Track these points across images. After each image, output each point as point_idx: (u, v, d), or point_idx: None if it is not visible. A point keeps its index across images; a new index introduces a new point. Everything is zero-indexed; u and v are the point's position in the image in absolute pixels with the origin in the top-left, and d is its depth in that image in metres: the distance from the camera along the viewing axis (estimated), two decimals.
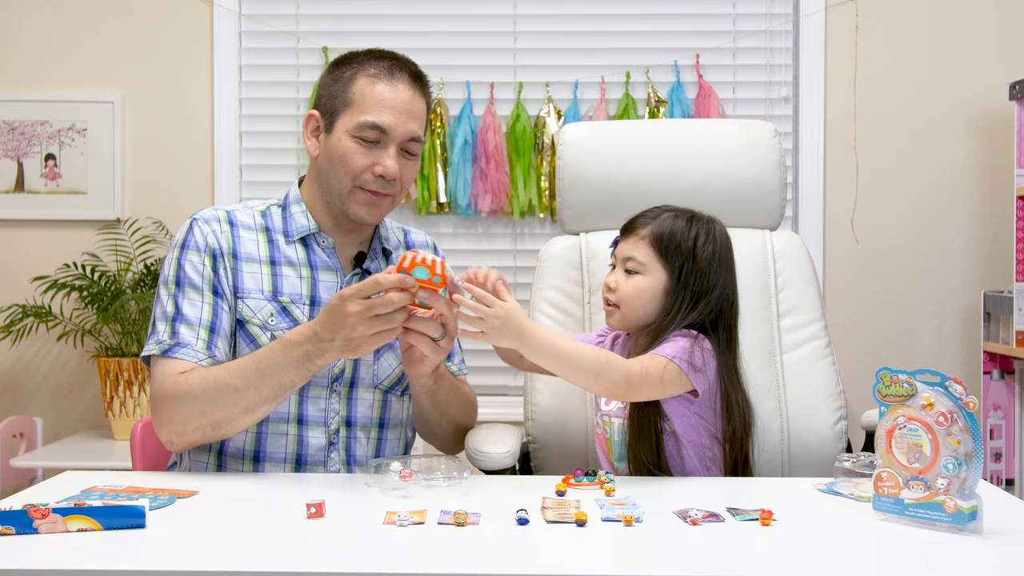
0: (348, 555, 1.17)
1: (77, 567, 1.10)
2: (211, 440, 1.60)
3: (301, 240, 1.71)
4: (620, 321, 1.70)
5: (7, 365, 3.05)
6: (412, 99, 1.66)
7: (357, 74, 1.65)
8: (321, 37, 3.02)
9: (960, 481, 1.23)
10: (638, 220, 1.72)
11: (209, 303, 1.63)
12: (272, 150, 3.06)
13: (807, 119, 2.99)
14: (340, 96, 1.65)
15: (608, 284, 1.71)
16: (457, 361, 1.88)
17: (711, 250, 1.67)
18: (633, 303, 1.67)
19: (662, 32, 3.02)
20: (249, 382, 1.53)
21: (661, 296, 1.66)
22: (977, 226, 2.99)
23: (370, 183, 1.64)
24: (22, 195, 3.02)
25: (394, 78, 1.65)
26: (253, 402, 1.54)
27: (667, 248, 1.66)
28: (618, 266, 1.72)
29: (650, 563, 1.15)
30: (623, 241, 1.73)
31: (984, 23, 2.97)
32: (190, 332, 1.61)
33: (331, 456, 1.67)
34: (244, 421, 1.56)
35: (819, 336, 2.01)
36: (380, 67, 1.65)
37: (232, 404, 1.54)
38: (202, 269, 1.65)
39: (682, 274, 1.66)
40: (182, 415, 1.56)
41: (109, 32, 3.03)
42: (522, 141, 2.95)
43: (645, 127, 2.36)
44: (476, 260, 3.05)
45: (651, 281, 1.67)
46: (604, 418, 1.70)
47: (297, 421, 1.65)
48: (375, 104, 1.63)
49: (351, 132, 1.63)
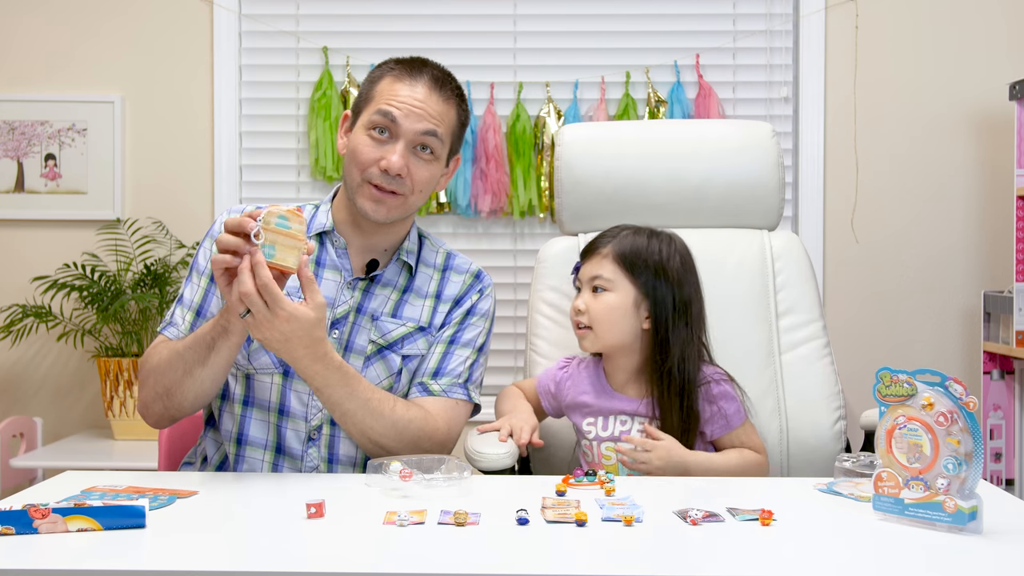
0: (348, 555, 1.17)
1: (77, 567, 1.10)
2: (173, 412, 1.61)
3: (317, 237, 1.73)
4: (595, 342, 1.72)
5: (7, 365, 3.05)
6: (429, 98, 1.66)
7: (384, 75, 1.69)
8: (321, 37, 3.02)
9: (960, 481, 1.23)
10: (598, 240, 1.76)
11: (203, 287, 1.70)
12: (272, 150, 3.06)
13: (807, 119, 2.99)
14: (365, 94, 1.70)
15: (577, 307, 1.73)
16: (446, 383, 1.72)
17: (679, 260, 1.72)
18: (606, 321, 1.69)
19: (662, 32, 3.02)
20: (187, 344, 1.56)
21: (632, 312, 1.69)
22: (977, 226, 2.99)
23: (376, 177, 1.64)
24: (22, 195, 3.02)
25: (414, 77, 1.67)
26: (189, 364, 1.55)
27: (632, 263, 1.70)
28: (584, 287, 1.73)
29: (650, 563, 1.15)
30: (586, 263, 1.75)
31: (984, 23, 2.97)
32: (180, 313, 1.70)
33: (309, 451, 1.67)
34: (188, 387, 1.56)
35: (818, 336, 2.01)
36: (404, 67, 1.69)
37: (174, 369, 1.56)
38: (208, 255, 1.69)
39: (655, 289, 1.69)
40: (145, 384, 1.63)
41: (109, 32, 3.03)
42: (522, 141, 2.95)
43: (643, 128, 2.36)
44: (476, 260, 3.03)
45: (620, 297, 1.69)
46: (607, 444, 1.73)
47: (279, 411, 1.67)
48: (390, 98, 1.65)
49: (365, 126, 1.66)
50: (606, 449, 1.72)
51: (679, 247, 1.76)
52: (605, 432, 1.72)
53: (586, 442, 1.75)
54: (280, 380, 1.67)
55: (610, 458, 1.71)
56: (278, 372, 1.67)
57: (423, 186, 1.68)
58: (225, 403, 1.70)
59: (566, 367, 1.83)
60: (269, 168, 3.06)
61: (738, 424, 1.72)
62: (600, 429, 1.73)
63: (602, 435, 1.72)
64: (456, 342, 1.76)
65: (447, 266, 1.81)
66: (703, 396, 1.70)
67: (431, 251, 1.81)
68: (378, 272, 1.73)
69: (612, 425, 1.73)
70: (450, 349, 1.76)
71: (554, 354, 2.01)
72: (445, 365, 1.75)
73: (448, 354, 1.76)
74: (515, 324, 3.04)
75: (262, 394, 1.67)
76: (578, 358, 1.83)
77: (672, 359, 1.69)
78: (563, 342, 2.01)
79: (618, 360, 1.74)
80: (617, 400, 1.74)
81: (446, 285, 1.79)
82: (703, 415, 1.70)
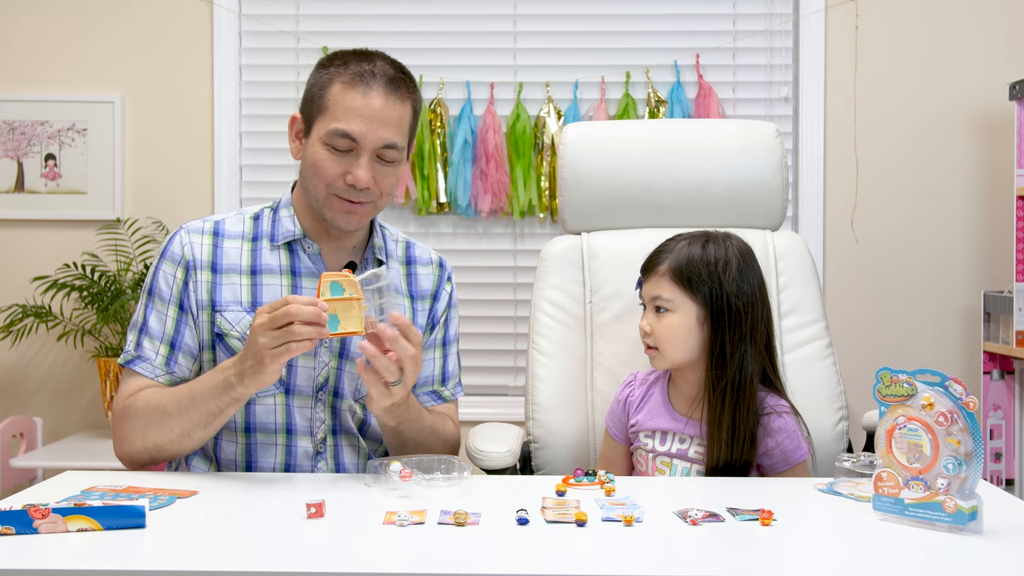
0: (348, 555, 1.17)
1: (77, 567, 1.10)
2: (159, 461, 1.61)
3: (287, 246, 1.68)
4: (664, 362, 1.69)
5: (7, 365, 3.05)
6: (386, 106, 1.59)
7: (333, 79, 1.60)
8: (321, 37, 3.02)
9: (960, 481, 1.23)
10: (657, 256, 1.71)
11: (173, 317, 1.63)
12: (272, 150, 3.06)
13: (807, 119, 2.99)
14: (317, 100, 1.61)
15: (643, 328, 1.69)
16: (452, 385, 1.83)
17: (735, 267, 1.66)
18: (671, 342, 1.66)
19: (662, 32, 3.02)
20: (182, 408, 1.55)
21: (696, 328, 1.65)
22: (977, 226, 2.99)
23: (343, 191, 1.60)
24: (22, 195, 3.02)
25: (367, 85, 1.58)
26: (187, 428, 1.55)
27: (690, 279, 1.65)
28: (648, 307, 1.70)
29: (650, 563, 1.15)
30: (646, 281, 1.71)
31: (984, 23, 2.97)
32: (151, 346, 1.63)
33: (319, 465, 1.66)
34: (184, 445, 1.58)
35: (820, 336, 2.01)
36: (354, 73, 1.59)
37: (168, 429, 1.56)
38: (172, 281, 1.64)
39: (713, 301, 1.64)
40: (129, 435, 1.59)
41: (109, 32, 3.03)
42: (522, 141, 2.95)
43: (647, 127, 2.36)
44: (476, 260, 3.05)
45: (682, 317, 1.65)
46: (663, 459, 1.69)
47: (285, 431, 1.65)
48: (345, 111, 1.57)
49: (323, 139, 1.59)
50: (661, 463, 1.70)
51: (736, 250, 1.68)
52: (663, 447, 1.70)
53: (642, 452, 1.72)
54: (283, 399, 1.64)
55: (664, 472, 1.69)
56: (279, 392, 1.64)
57: (390, 189, 1.66)
58: (223, 433, 1.65)
59: (630, 383, 1.80)
60: (269, 168, 3.06)
61: (797, 462, 1.66)
62: (658, 443, 1.71)
63: (659, 449, 1.70)
64: (448, 342, 1.81)
65: (409, 258, 1.80)
66: (762, 426, 1.64)
67: (392, 242, 1.80)
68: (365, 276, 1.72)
69: (670, 441, 1.71)
70: (446, 351, 1.81)
71: (556, 353, 2.01)
72: (448, 368, 1.81)
73: (446, 356, 1.80)
74: (515, 324, 3.04)
75: (266, 417, 1.64)
76: (641, 375, 1.80)
77: (729, 375, 1.63)
78: (565, 341, 2.02)
79: (687, 375, 1.70)
80: (678, 422, 1.70)
81: (415, 280, 1.79)
82: (760, 447, 1.64)
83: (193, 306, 1.63)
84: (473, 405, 2.86)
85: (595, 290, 2.04)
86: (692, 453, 1.67)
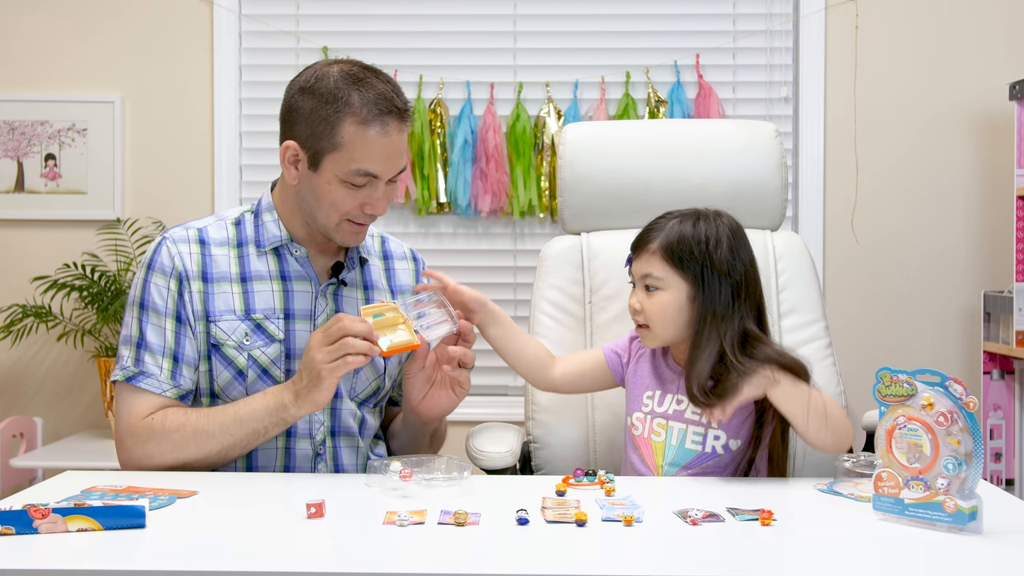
0: (348, 555, 1.17)
1: (77, 567, 1.10)
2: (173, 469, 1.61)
3: (274, 251, 1.68)
4: (654, 339, 1.69)
5: (7, 365, 3.05)
6: (401, 139, 1.60)
7: (344, 116, 1.55)
8: (321, 37, 3.02)
9: (960, 481, 1.23)
10: (647, 233, 1.69)
11: (172, 330, 1.62)
12: (272, 150, 3.04)
13: (807, 119, 2.99)
14: (327, 137, 1.56)
15: (632, 306, 1.69)
16: None
17: (726, 245, 1.65)
18: (661, 320, 1.66)
19: (662, 32, 3.02)
20: (226, 429, 1.56)
21: (687, 305, 1.65)
22: (977, 226, 2.99)
23: (358, 217, 1.62)
24: (22, 195, 3.02)
25: (384, 123, 1.56)
26: (227, 446, 1.58)
27: (680, 258, 1.64)
28: (637, 284, 1.70)
29: (650, 563, 1.15)
30: (636, 258, 1.70)
31: (984, 23, 2.97)
32: (153, 361, 1.60)
33: (318, 467, 1.67)
34: (216, 462, 1.60)
35: (820, 336, 2.01)
36: (370, 111, 1.55)
37: (207, 448, 1.57)
38: (166, 294, 1.62)
39: (704, 280, 1.64)
40: (156, 454, 1.58)
41: (109, 32, 3.03)
42: (522, 141, 2.95)
43: (647, 127, 2.36)
44: (476, 260, 3.05)
45: (673, 295, 1.65)
46: (659, 421, 1.68)
47: (285, 434, 1.64)
48: (366, 153, 1.56)
49: (342, 178, 1.57)
50: (657, 425, 1.69)
51: (727, 227, 1.67)
52: (660, 408, 1.69)
53: (639, 414, 1.71)
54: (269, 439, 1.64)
55: (659, 434, 1.68)
56: None
57: (393, 199, 1.70)
58: None
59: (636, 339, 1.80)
60: (269, 168, 3.05)
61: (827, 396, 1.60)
62: (656, 404, 1.70)
63: (657, 410, 1.69)
64: None
65: (386, 253, 1.84)
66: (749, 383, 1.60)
67: (369, 237, 1.81)
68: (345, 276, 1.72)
69: (668, 403, 1.70)
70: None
71: (556, 352, 2.01)
72: None
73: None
74: None
75: None
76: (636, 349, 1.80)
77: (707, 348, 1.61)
78: (566, 341, 2.01)
79: (681, 348, 1.71)
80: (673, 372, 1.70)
81: (393, 275, 1.81)
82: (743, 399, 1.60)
83: (190, 317, 1.62)
84: (473, 405, 2.85)
85: (595, 290, 2.04)
86: (689, 414, 1.66)
